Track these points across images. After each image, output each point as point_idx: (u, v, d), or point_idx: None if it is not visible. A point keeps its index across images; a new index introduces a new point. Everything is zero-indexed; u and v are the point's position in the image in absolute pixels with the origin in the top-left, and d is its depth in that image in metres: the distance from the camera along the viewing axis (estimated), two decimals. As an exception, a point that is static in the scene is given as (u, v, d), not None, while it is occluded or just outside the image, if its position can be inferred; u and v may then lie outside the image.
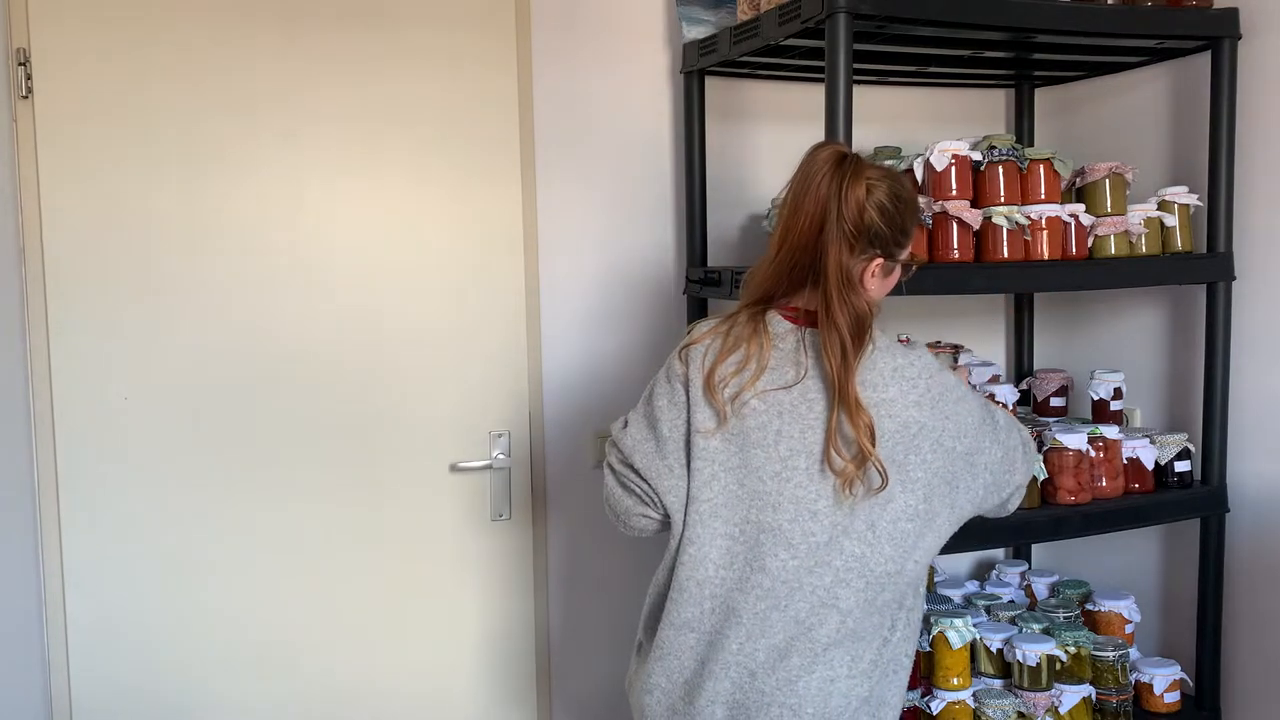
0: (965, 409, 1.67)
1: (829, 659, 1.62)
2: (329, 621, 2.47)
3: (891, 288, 1.74)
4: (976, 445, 1.67)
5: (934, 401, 1.64)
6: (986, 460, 1.69)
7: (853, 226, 1.60)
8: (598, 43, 2.56)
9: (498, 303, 2.54)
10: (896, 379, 1.64)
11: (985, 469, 1.69)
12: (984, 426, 1.69)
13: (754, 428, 1.64)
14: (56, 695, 2.31)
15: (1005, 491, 1.74)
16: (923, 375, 1.65)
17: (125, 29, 2.27)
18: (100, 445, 2.30)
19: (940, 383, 1.66)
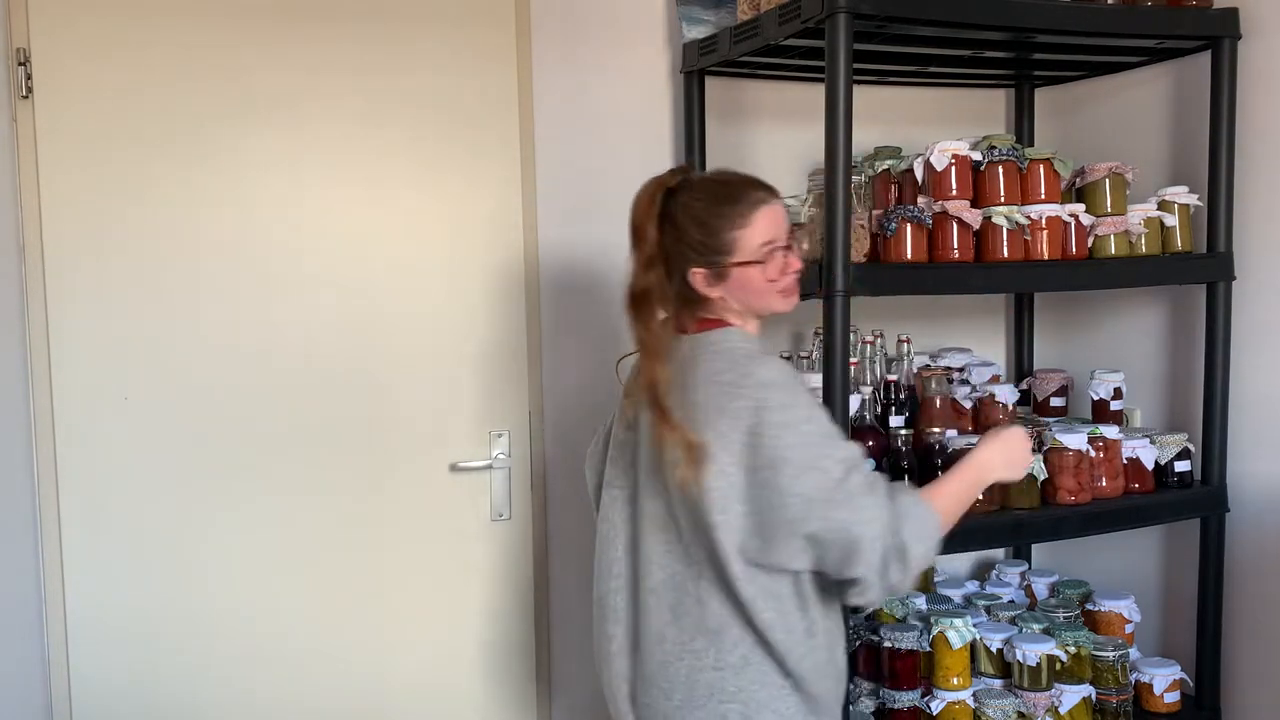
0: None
1: (695, 648, 1.69)
2: (329, 621, 2.47)
3: (758, 278, 1.72)
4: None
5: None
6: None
7: (650, 248, 1.73)
8: (598, 42, 2.56)
9: (498, 302, 2.54)
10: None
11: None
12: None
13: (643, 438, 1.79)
14: (56, 694, 2.31)
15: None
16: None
17: (125, 29, 2.27)
18: (100, 445, 2.30)
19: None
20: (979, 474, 1.79)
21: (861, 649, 2.37)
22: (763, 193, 1.75)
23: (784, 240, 1.75)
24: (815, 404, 1.69)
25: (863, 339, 2.47)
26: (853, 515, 1.59)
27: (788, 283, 1.76)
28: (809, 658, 1.68)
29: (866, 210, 2.18)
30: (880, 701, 2.28)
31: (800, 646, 1.67)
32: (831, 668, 1.73)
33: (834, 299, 1.97)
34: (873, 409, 2.29)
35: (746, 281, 1.73)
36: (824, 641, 1.70)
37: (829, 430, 1.66)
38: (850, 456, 1.64)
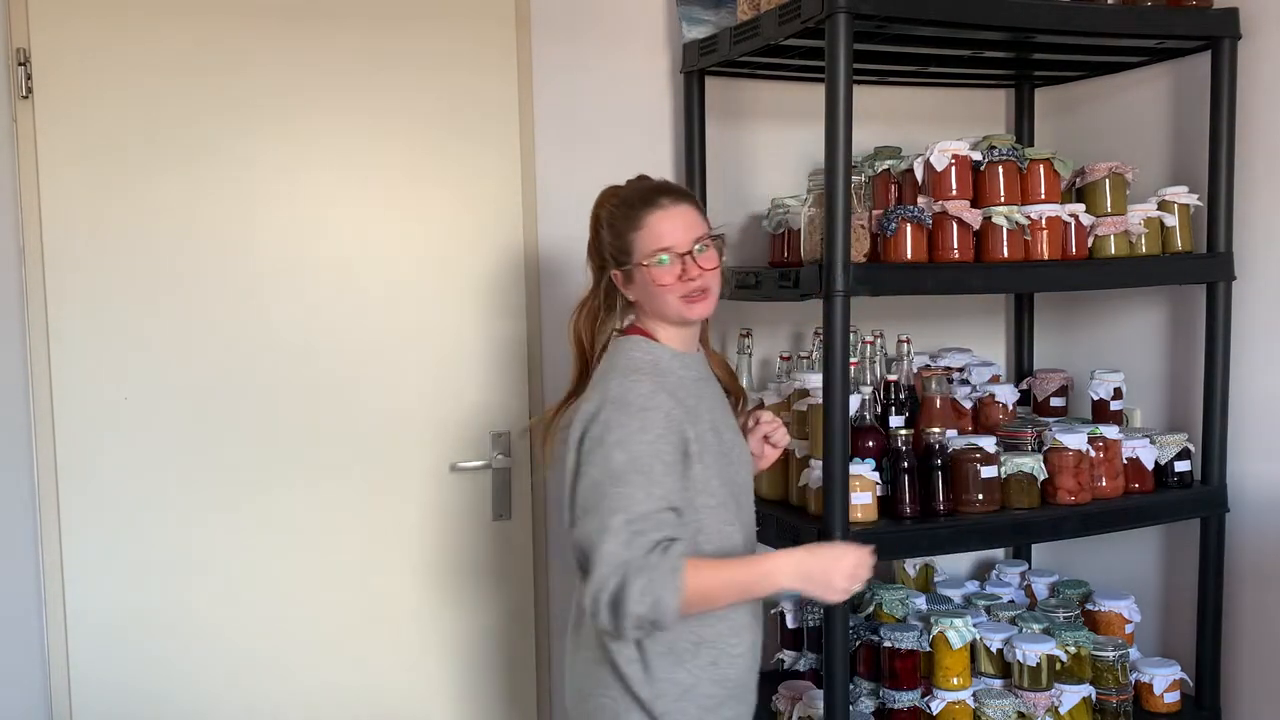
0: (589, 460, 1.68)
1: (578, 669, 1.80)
2: (329, 620, 2.46)
3: (656, 285, 1.74)
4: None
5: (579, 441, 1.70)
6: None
7: (590, 248, 1.87)
8: (598, 42, 2.56)
9: (498, 302, 2.54)
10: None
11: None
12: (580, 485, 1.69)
13: None
14: (56, 694, 2.31)
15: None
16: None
17: (125, 29, 2.27)
18: (100, 445, 2.30)
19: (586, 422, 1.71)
20: (766, 576, 1.69)
21: (861, 649, 2.37)
22: (664, 198, 1.77)
23: (682, 246, 1.73)
24: (646, 434, 1.65)
25: (863, 339, 2.47)
26: (594, 550, 1.60)
27: (690, 289, 1.74)
28: (633, 665, 1.71)
29: (866, 210, 2.18)
30: (880, 701, 2.28)
31: (633, 669, 1.71)
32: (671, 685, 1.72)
33: (834, 299, 1.97)
34: (873, 409, 2.29)
35: (648, 284, 1.76)
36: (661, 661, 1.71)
37: (641, 464, 1.63)
38: (631, 498, 1.61)
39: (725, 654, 1.75)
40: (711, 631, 1.73)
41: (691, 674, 1.72)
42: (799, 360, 2.50)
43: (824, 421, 2.01)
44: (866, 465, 2.12)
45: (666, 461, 1.66)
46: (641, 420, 1.66)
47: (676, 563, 1.60)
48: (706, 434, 1.75)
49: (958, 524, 2.16)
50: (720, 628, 1.74)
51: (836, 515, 2.01)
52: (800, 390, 2.22)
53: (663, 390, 1.71)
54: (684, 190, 1.84)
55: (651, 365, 1.75)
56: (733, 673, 1.76)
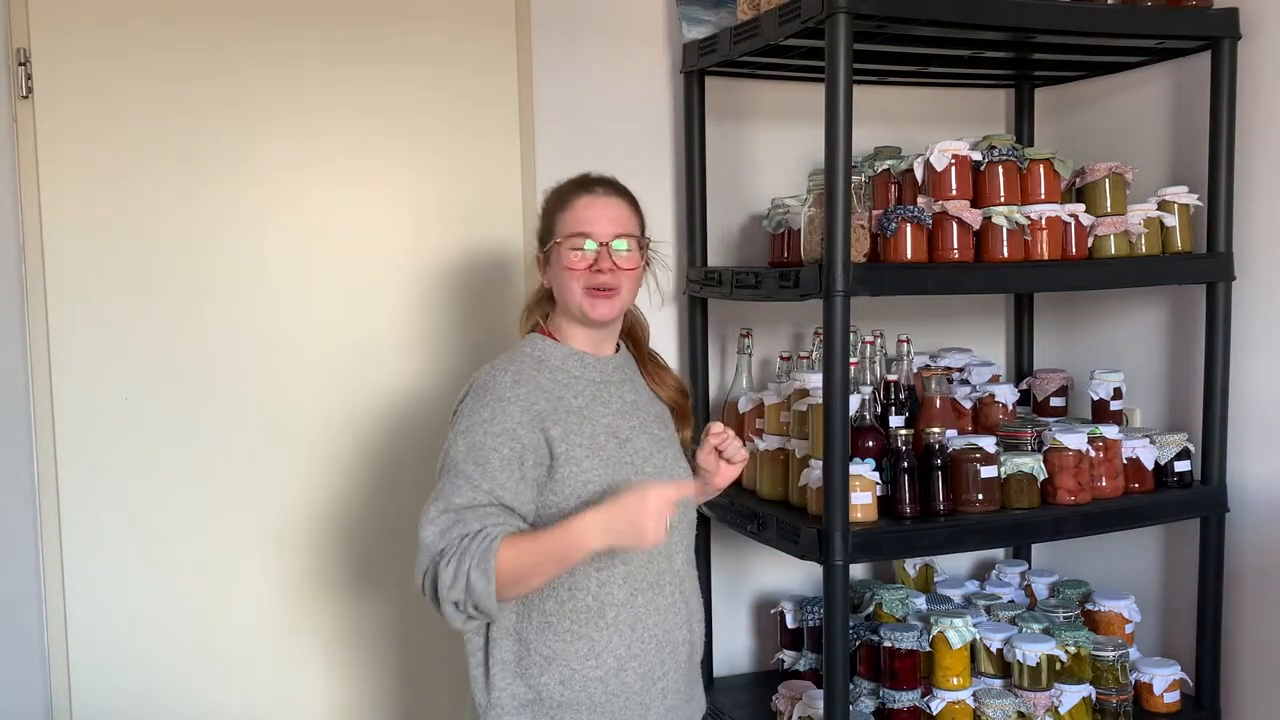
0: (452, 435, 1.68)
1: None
2: (328, 622, 2.47)
3: (563, 272, 1.72)
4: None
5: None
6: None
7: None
8: (598, 42, 2.56)
9: (499, 302, 2.54)
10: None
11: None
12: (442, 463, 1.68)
13: None
14: (56, 694, 2.31)
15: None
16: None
17: (125, 29, 2.27)
18: (100, 445, 2.30)
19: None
20: (575, 539, 1.58)
21: (861, 649, 2.37)
22: (598, 186, 1.75)
23: (602, 236, 1.70)
24: (493, 425, 1.63)
25: (863, 339, 2.47)
26: (418, 534, 1.61)
27: (597, 281, 1.70)
28: (478, 669, 1.69)
29: (866, 210, 2.18)
30: (880, 701, 2.28)
31: (474, 669, 1.70)
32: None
33: (834, 299, 1.97)
34: (873, 409, 2.29)
35: (559, 267, 1.73)
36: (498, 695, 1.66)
37: (478, 455, 1.61)
38: (454, 487, 1.60)
39: (577, 674, 1.66)
40: (566, 649, 1.66)
41: (532, 688, 1.66)
42: (799, 360, 2.50)
43: (824, 421, 2.01)
44: (866, 465, 2.12)
45: (505, 456, 1.62)
46: (493, 410, 1.64)
47: (489, 544, 1.56)
48: (597, 436, 1.69)
49: (958, 524, 2.16)
50: (577, 646, 1.66)
51: (836, 515, 2.01)
52: (800, 390, 2.22)
53: (531, 384, 1.68)
54: (624, 188, 1.79)
55: (533, 360, 1.72)
56: (585, 697, 1.66)
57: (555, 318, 1.79)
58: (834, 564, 2.02)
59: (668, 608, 1.74)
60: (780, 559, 2.53)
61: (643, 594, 1.71)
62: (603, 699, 1.67)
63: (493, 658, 1.67)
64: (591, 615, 1.67)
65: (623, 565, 1.69)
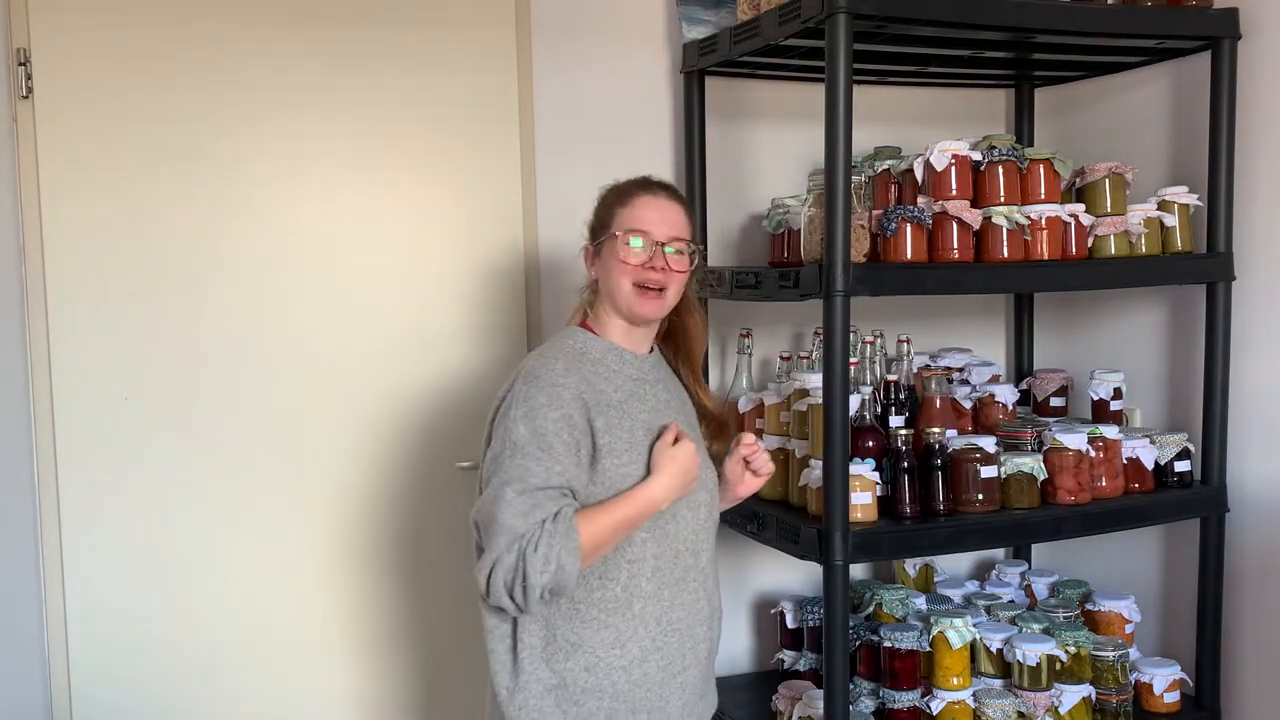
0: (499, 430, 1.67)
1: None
2: (329, 620, 2.47)
3: (616, 267, 1.74)
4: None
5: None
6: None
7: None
8: (598, 43, 2.56)
9: (499, 302, 2.54)
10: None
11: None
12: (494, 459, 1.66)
13: None
14: (56, 693, 2.31)
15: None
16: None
17: (125, 29, 2.27)
18: (100, 445, 2.30)
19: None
20: (647, 503, 1.67)
21: (861, 649, 2.37)
22: (660, 189, 1.78)
23: (659, 235, 1.73)
24: (552, 411, 1.63)
25: (863, 339, 2.47)
26: (490, 523, 1.59)
27: (648, 278, 1.73)
28: (499, 678, 1.69)
29: (866, 210, 2.18)
30: (880, 701, 2.28)
31: (498, 661, 1.69)
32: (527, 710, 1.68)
33: (834, 299, 1.97)
34: (873, 409, 2.29)
35: (612, 259, 1.75)
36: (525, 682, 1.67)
37: (542, 441, 1.61)
38: (526, 469, 1.60)
39: (602, 662, 1.67)
40: (592, 637, 1.67)
41: (557, 674, 1.67)
42: (799, 360, 2.50)
43: (824, 421, 2.01)
44: (866, 465, 2.12)
45: (565, 441, 1.63)
46: (549, 396, 1.64)
47: (570, 524, 1.59)
48: (635, 431, 1.71)
49: (958, 524, 2.16)
50: (604, 634, 1.67)
51: (836, 515, 2.01)
52: (800, 390, 2.22)
53: (578, 374, 1.69)
54: (682, 195, 1.84)
55: (576, 352, 1.73)
56: (610, 684, 1.68)
57: (597, 312, 1.80)
58: (834, 564, 2.02)
59: (691, 603, 1.76)
60: (780, 559, 2.53)
61: (669, 588, 1.72)
62: (625, 688, 1.69)
63: (521, 643, 1.68)
64: (619, 605, 1.68)
65: (653, 559, 1.71)
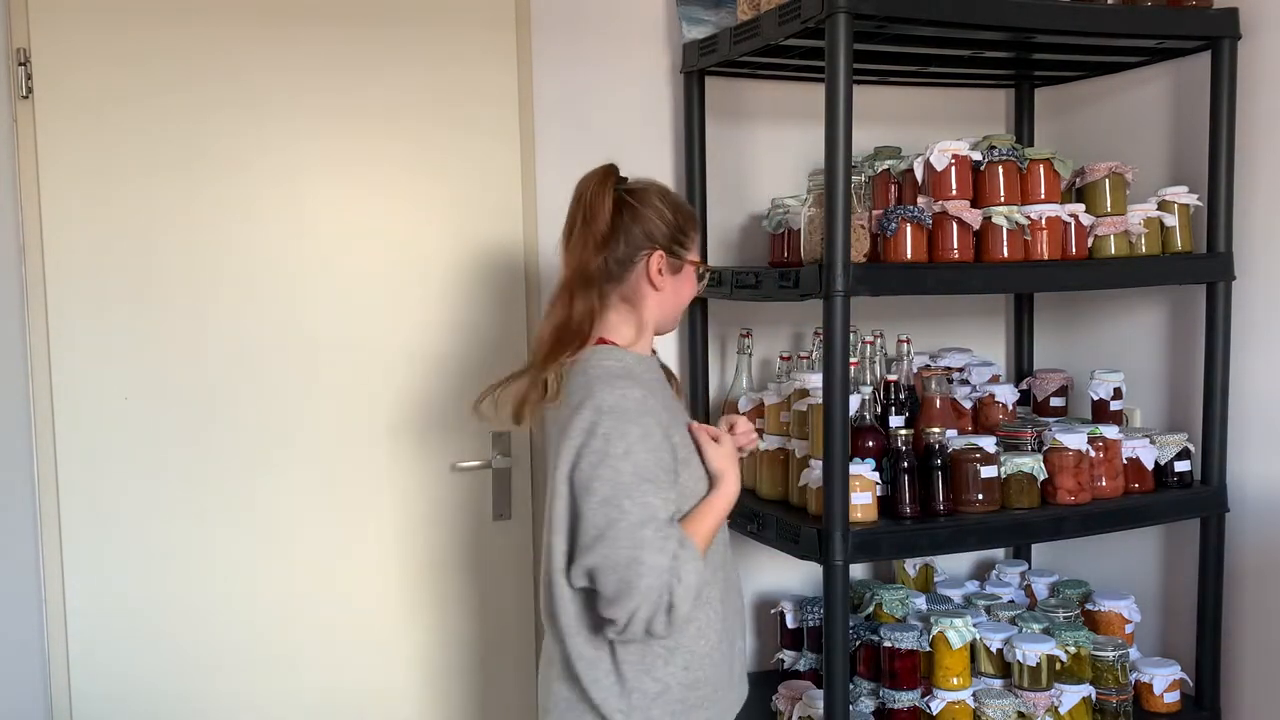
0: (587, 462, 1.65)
1: (541, 679, 1.80)
2: (329, 620, 2.47)
3: (688, 292, 1.84)
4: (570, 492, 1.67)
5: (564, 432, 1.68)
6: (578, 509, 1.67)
7: (603, 226, 1.72)
8: (598, 42, 2.56)
9: (498, 302, 2.54)
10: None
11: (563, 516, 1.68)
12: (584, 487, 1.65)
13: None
14: (56, 692, 2.31)
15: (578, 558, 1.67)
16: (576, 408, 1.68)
17: (125, 29, 2.27)
18: (100, 445, 2.30)
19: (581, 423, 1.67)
20: (727, 505, 1.77)
21: (861, 649, 2.37)
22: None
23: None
24: (648, 441, 1.65)
25: (863, 339, 2.47)
26: (634, 565, 1.59)
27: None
28: (621, 700, 1.70)
29: (866, 210, 2.18)
30: (880, 701, 2.28)
31: (607, 689, 1.70)
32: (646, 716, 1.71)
33: (834, 299, 1.97)
34: (873, 409, 2.29)
35: (681, 285, 1.81)
36: (646, 692, 1.70)
37: (649, 473, 1.63)
38: (651, 505, 1.62)
39: (695, 655, 1.73)
40: (683, 635, 1.72)
41: (660, 680, 1.70)
42: (799, 360, 2.50)
43: (824, 421, 2.01)
44: (866, 465, 2.12)
45: (666, 468, 1.67)
46: (641, 427, 1.65)
47: (694, 549, 1.65)
48: (687, 439, 1.78)
49: (958, 524, 2.16)
50: (690, 630, 1.72)
51: (836, 515, 2.01)
52: (800, 390, 2.22)
53: (652, 396, 1.70)
54: None
55: (625, 374, 1.73)
56: (703, 673, 1.74)
57: (613, 322, 1.79)
58: (834, 564, 2.02)
59: (727, 576, 1.84)
60: (780, 559, 2.53)
61: (719, 570, 1.81)
62: (711, 673, 1.75)
63: (623, 663, 1.70)
64: (698, 599, 1.71)
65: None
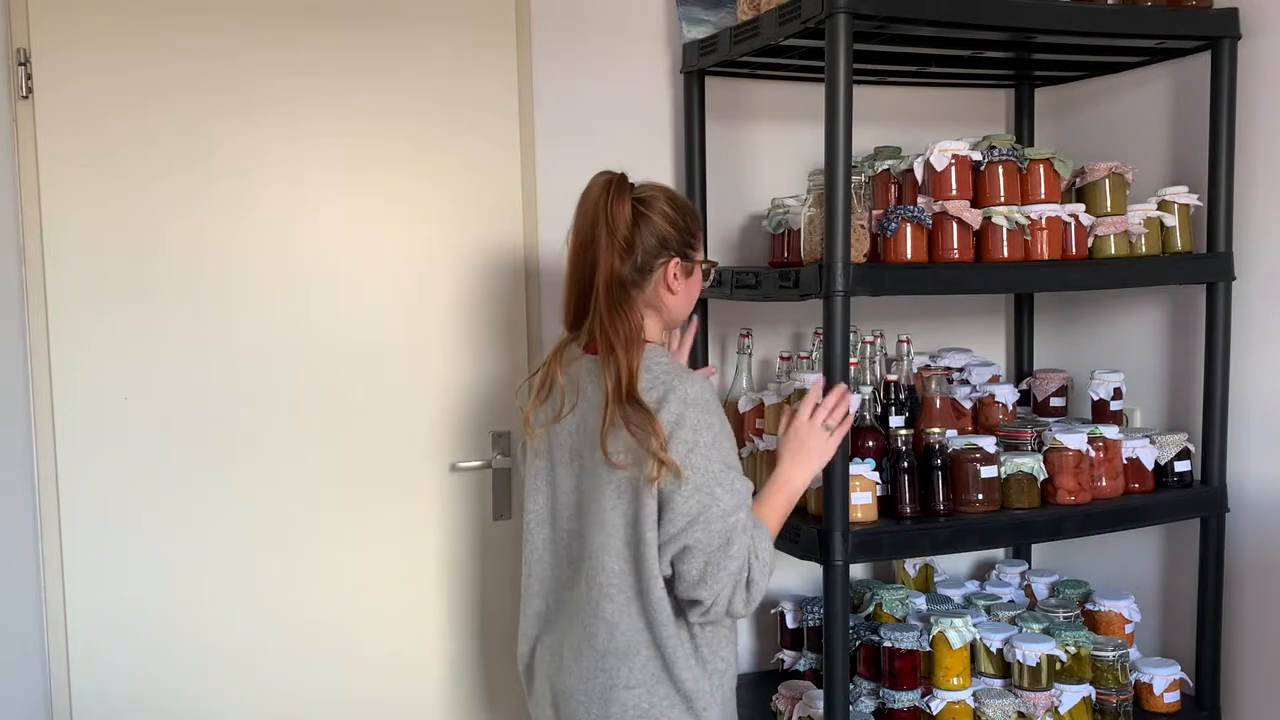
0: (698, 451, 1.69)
1: (606, 666, 1.75)
2: (329, 620, 2.47)
3: (697, 289, 1.89)
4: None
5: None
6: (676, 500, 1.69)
7: (625, 233, 1.74)
8: (598, 43, 2.56)
9: (498, 302, 2.54)
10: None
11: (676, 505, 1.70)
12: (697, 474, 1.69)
13: (556, 447, 1.85)
14: (56, 693, 2.31)
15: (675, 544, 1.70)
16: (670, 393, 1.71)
17: (125, 29, 2.27)
18: (100, 445, 2.30)
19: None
20: (793, 498, 1.86)
21: (861, 649, 2.37)
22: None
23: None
24: (726, 429, 1.74)
25: (863, 339, 2.47)
26: (725, 549, 1.67)
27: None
28: (702, 680, 1.76)
29: (866, 210, 2.18)
30: (880, 701, 2.28)
31: (692, 669, 1.75)
32: (720, 694, 1.79)
33: (834, 299, 1.97)
34: (873, 409, 2.29)
35: (692, 286, 1.86)
36: (719, 671, 1.79)
37: (732, 460, 1.73)
38: (741, 491, 1.72)
39: (735, 629, 1.86)
40: (715, 634, 1.82)
41: (726, 660, 1.81)
42: (799, 360, 2.50)
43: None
44: (866, 465, 2.12)
45: (740, 455, 1.82)
46: (720, 418, 1.74)
47: (765, 530, 1.76)
48: None
49: (958, 524, 2.16)
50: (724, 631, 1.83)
51: (836, 515, 2.01)
52: (800, 390, 2.22)
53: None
54: None
55: (682, 367, 1.79)
56: (732, 653, 1.85)
57: (647, 325, 1.83)
58: (834, 564, 2.02)
59: None
60: (780, 559, 2.51)
61: None
62: (734, 653, 1.85)
63: (701, 644, 1.77)
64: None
65: None
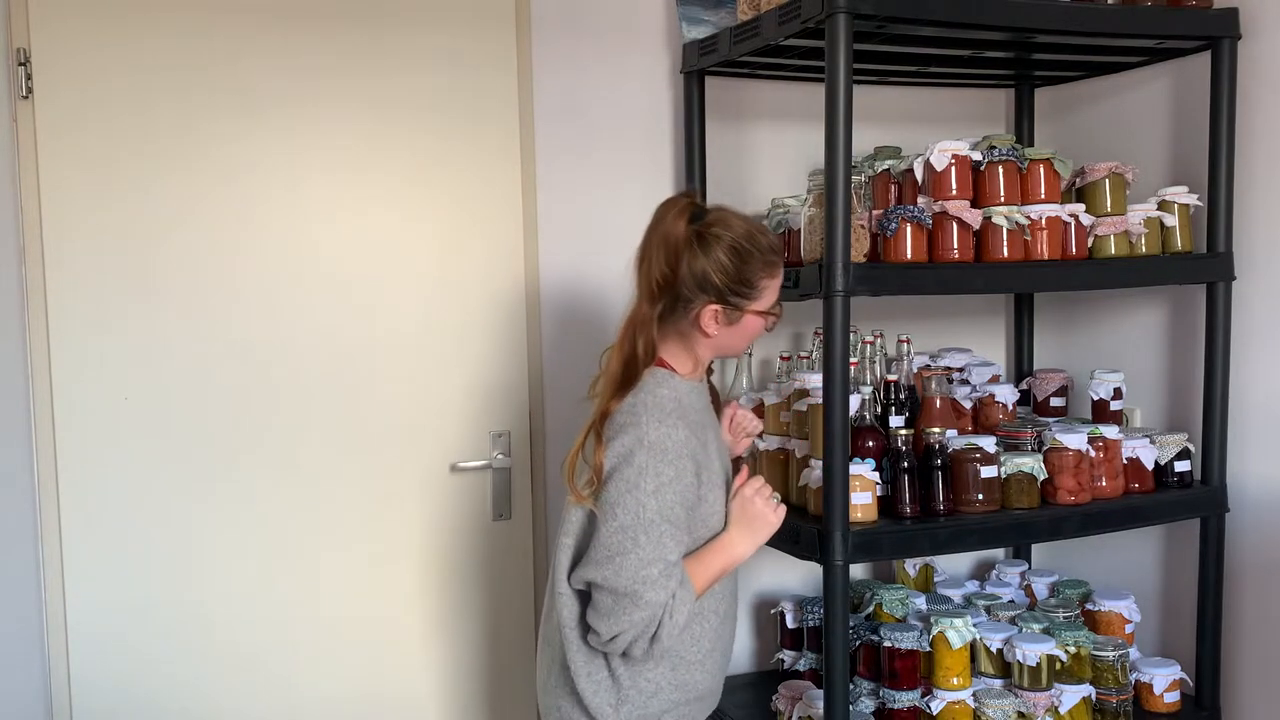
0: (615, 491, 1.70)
1: (543, 661, 1.87)
2: (329, 620, 2.47)
3: (754, 332, 1.83)
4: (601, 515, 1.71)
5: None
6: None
7: (659, 275, 1.74)
8: (598, 43, 2.56)
9: (498, 302, 2.54)
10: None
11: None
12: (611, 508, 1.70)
13: None
14: (56, 694, 2.31)
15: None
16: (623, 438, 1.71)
17: (125, 29, 2.27)
18: (100, 445, 2.30)
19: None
20: (730, 561, 1.82)
21: (861, 649, 2.37)
22: (779, 254, 1.83)
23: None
24: (679, 483, 1.70)
25: (863, 339, 2.47)
26: (632, 597, 1.67)
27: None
28: (600, 696, 1.77)
29: (866, 210, 2.18)
30: (880, 701, 2.28)
31: (590, 685, 1.77)
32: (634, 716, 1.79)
33: (834, 299, 1.97)
34: (873, 409, 2.29)
35: (747, 329, 1.81)
36: (641, 692, 1.78)
37: (671, 514, 1.70)
38: (664, 547, 1.68)
39: (683, 660, 1.80)
40: (679, 644, 1.80)
41: (653, 681, 1.78)
42: (799, 360, 2.50)
43: (824, 421, 2.01)
44: (866, 465, 2.12)
45: (689, 507, 1.73)
46: (675, 469, 1.71)
47: (691, 592, 1.73)
48: (714, 462, 1.82)
49: (958, 524, 2.16)
50: (684, 637, 1.79)
51: (836, 515, 2.01)
52: (800, 390, 2.22)
53: (690, 432, 1.74)
54: None
55: (678, 405, 1.76)
56: (689, 676, 1.81)
57: (673, 349, 1.82)
58: (834, 564, 2.02)
59: (731, 593, 1.92)
60: (780, 559, 2.53)
61: (726, 582, 1.89)
62: (700, 677, 1.82)
63: (616, 666, 1.77)
64: (697, 617, 1.81)
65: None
